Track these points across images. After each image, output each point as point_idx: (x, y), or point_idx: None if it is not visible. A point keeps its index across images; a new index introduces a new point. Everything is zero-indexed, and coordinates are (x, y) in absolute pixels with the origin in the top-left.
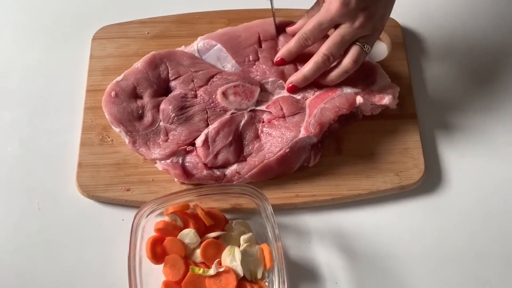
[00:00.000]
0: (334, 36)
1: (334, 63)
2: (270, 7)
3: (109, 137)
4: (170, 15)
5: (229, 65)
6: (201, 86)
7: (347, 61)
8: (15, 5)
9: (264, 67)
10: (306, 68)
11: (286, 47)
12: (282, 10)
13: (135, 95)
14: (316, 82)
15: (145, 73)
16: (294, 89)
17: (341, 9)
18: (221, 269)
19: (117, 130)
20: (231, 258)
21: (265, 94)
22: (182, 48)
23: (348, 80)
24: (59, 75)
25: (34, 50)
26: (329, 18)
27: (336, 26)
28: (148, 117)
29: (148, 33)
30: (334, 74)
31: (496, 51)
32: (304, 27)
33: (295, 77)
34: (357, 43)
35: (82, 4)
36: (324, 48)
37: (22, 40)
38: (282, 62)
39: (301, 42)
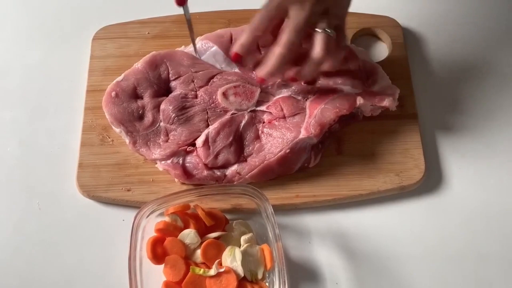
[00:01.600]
0: (288, 22)
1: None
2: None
3: (109, 138)
4: (170, 15)
5: (229, 67)
6: (201, 87)
7: (316, 51)
8: (15, 5)
9: None
10: (270, 62)
11: (238, 41)
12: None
13: (135, 95)
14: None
15: (145, 73)
16: (262, 82)
17: None
18: (222, 270)
19: (117, 130)
20: (232, 258)
21: (265, 94)
22: (182, 48)
23: (348, 80)
24: (59, 75)
25: (34, 50)
26: (275, 3)
27: (286, 15)
28: (148, 117)
29: (148, 33)
30: (306, 68)
31: (497, 51)
32: (253, 17)
33: (261, 71)
34: (317, 29)
35: (82, 4)
36: (282, 38)
37: (22, 40)
38: (237, 56)
39: (252, 33)
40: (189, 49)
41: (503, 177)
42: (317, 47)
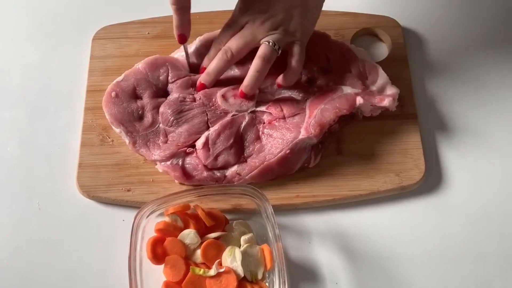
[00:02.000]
0: (237, 34)
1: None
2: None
3: (109, 138)
4: (170, 15)
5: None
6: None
7: (256, 59)
8: (15, 5)
9: None
10: (211, 66)
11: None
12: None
13: (135, 95)
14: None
15: (145, 74)
16: (202, 87)
17: (239, 11)
18: (222, 270)
19: (117, 130)
20: (232, 258)
21: (265, 95)
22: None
23: (348, 80)
24: (59, 75)
25: (34, 50)
26: (232, 20)
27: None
28: (148, 118)
29: (148, 33)
30: (248, 74)
31: (497, 51)
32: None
33: (202, 76)
34: (263, 41)
35: (82, 4)
36: (226, 45)
37: (22, 40)
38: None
39: (217, 48)
40: (189, 48)
41: (503, 177)
42: (258, 54)
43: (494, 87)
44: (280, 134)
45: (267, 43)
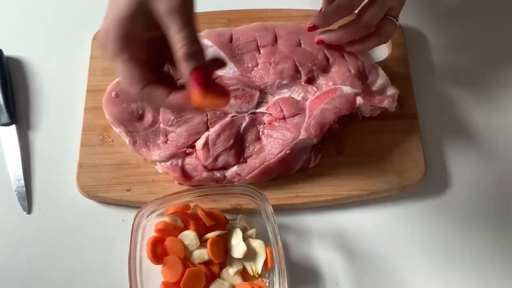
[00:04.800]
0: (377, 5)
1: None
2: (269, 7)
3: (109, 138)
4: None
5: (228, 67)
6: None
7: (382, 35)
8: (15, 5)
9: (262, 72)
10: (343, 31)
11: (326, 13)
12: (283, 10)
13: None
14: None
15: None
16: (321, 43)
17: None
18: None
19: (117, 130)
20: (235, 240)
21: (265, 95)
22: None
23: (348, 80)
24: (59, 75)
25: (34, 50)
26: None
27: None
28: (148, 118)
29: None
30: (366, 45)
31: (497, 51)
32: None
33: (327, 36)
34: (388, 16)
35: (82, 4)
36: (366, 17)
37: (22, 40)
38: (313, 28)
39: (340, 13)
40: None
41: (503, 177)
42: (386, 32)
43: (494, 87)
44: (280, 134)
45: (393, 20)
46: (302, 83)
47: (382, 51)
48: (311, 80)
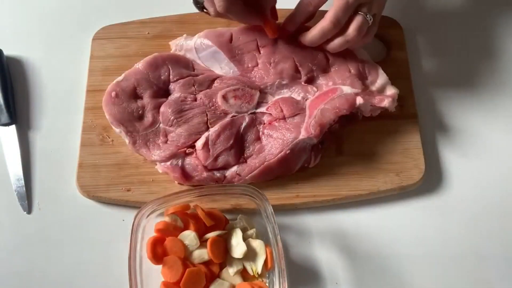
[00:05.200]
0: (339, 1)
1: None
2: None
3: (109, 138)
4: (170, 15)
5: (227, 67)
6: (201, 90)
7: (350, 30)
8: (16, 5)
9: (262, 72)
10: (312, 34)
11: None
12: (283, 10)
13: (135, 95)
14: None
15: (145, 74)
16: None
17: None
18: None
19: (117, 130)
20: (235, 240)
21: (265, 95)
22: (183, 38)
23: (348, 80)
24: (59, 75)
25: (34, 50)
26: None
27: None
28: (148, 118)
29: (148, 33)
30: (336, 42)
31: (497, 51)
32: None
33: (303, 38)
34: (359, 12)
35: (82, 4)
36: (330, 14)
37: (22, 40)
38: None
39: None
40: (188, 42)
41: (503, 177)
42: (354, 26)
43: (494, 87)
44: (280, 134)
45: (364, 15)
46: (302, 83)
47: (382, 51)
48: (311, 80)
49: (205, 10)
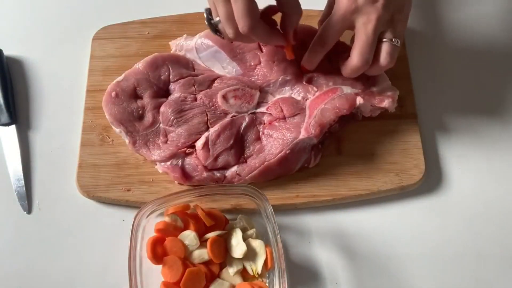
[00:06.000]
0: (360, 37)
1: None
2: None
3: (109, 138)
4: (170, 15)
5: (230, 67)
6: (201, 90)
7: (382, 59)
8: (15, 5)
9: (265, 70)
10: (345, 73)
11: (304, 57)
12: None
13: (135, 95)
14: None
15: (145, 74)
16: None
17: (350, 5)
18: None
19: (117, 130)
20: (235, 240)
21: (265, 95)
22: (183, 38)
23: (348, 80)
24: (59, 75)
25: (34, 50)
26: (340, 18)
27: (352, 27)
28: (148, 118)
29: (148, 33)
30: (372, 71)
31: (497, 51)
32: (318, 33)
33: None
34: (384, 39)
35: (82, 4)
36: (356, 53)
37: (22, 40)
38: (306, 70)
39: (318, 49)
40: (189, 42)
41: (503, 177)
42: (384, 55)
43: (494, 87)
44: (280, 134)
45: (389, 41)
46: (304, 82)
47: None
48: (311, 80)
49: (218, 34)
